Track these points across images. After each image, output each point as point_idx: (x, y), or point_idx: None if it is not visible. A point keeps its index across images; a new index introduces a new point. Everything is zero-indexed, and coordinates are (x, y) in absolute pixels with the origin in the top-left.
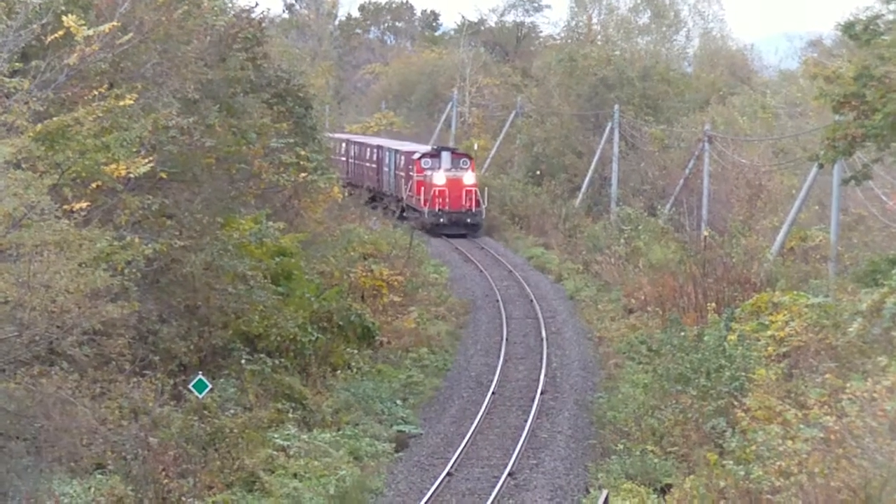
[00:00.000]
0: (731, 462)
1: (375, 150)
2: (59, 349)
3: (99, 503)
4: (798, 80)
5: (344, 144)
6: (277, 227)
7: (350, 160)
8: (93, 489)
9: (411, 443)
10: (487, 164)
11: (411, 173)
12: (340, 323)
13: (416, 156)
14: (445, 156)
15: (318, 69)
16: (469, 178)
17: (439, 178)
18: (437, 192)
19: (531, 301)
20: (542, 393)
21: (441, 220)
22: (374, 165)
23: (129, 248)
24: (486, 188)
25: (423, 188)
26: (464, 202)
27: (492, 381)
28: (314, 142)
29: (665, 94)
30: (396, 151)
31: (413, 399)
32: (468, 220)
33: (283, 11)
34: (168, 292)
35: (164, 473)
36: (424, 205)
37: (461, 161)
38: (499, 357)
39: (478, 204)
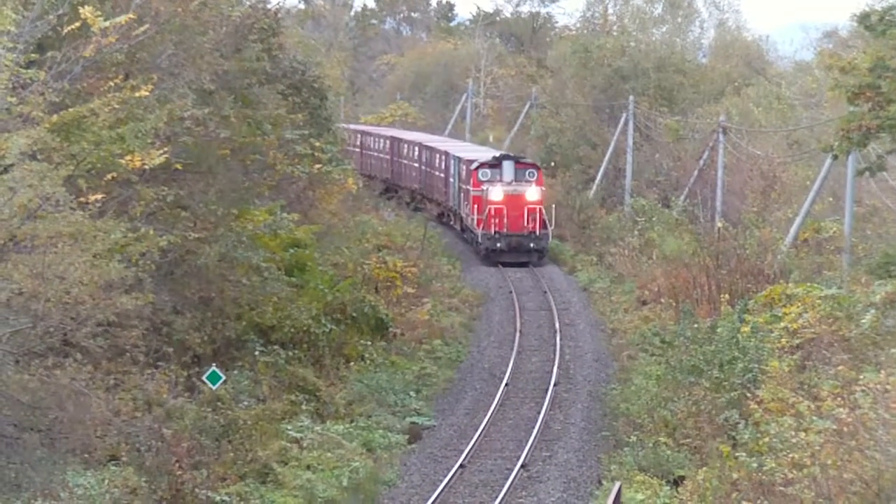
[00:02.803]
0: (743, 454)
1: (443, 157)
2: (73, 340)
3: (112, 495)
4: (813, 70)
5: (417, 149)
6: (291, 219)
7: (422, 167)
8: (106, 480)
9: (424, 434)
10: None
11: (468, 186)
12: (354, 314)
13: (474, 166)
14: (507, 166)
15: (333, 60)
16: (533, 193)
17: (496, 193)
18: (492, 211)
19: (545, 293)
20: (555, 385)
21: (497, 244)
22: (442, 175)
23: (143, 240)
24: (553, 206)
25: (477, 205)
26: (525, 223)
27: (505, 372)
28: (329, 133)
29: (680, 85)
30: (459, 159)
31: (426, 391)
32: (530, 246)
33: (299, 2)
34: (182, 284)
35: (177, 465)
36: (479, 226)
37: (526, 172)
38: (512, 349)
39: (543, 225)
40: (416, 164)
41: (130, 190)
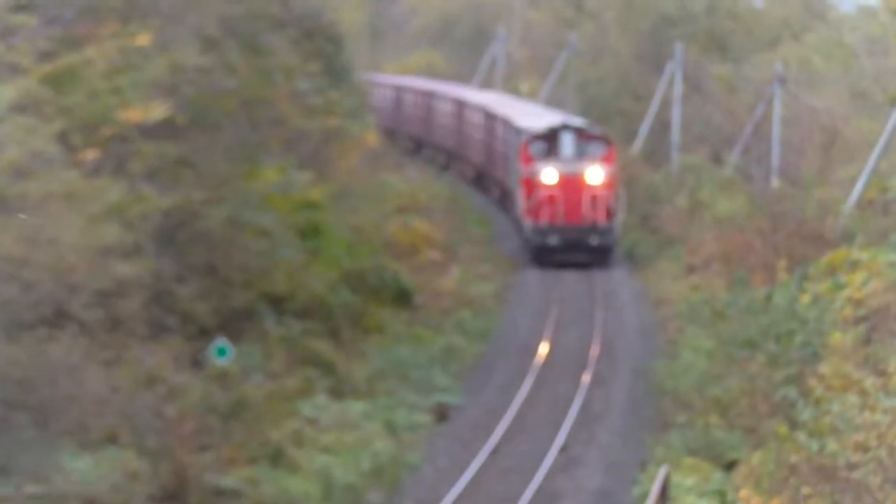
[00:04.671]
0: (803, 435)
1: (502, 125)
2: (67, 311)
3: (111, 479)
4: (878, 14)
5: (480, 115)
6: (305, 178)
7: (485, 137)
8: (104, 464)
9: (452, 414)
10: None
11: (518, 164)
12: (374, 283)
13: (524, 138)
14: (566, 138)
15: (350, 3)
16: (597, 173)
17: (549, 174)
18: (543, 197)
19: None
20: (595, 360)
21: (548, 240)
22: (502, 148)
23: (143, 201)
24: (624, 189)
25: (527, 189)
26: (585, 213)
27: (540, 346)
28: (346, 84)
29: (732, 32)
30: (517, 129)
31: (454, 366)
32: (591, 242)
33: None
34: (186, 249)
35: (181, 447)
36: (528, 215)
37: (590, 146)
38: (548, 320)
39: (609, 215)
40: (479, 135)
41: (129, 146)
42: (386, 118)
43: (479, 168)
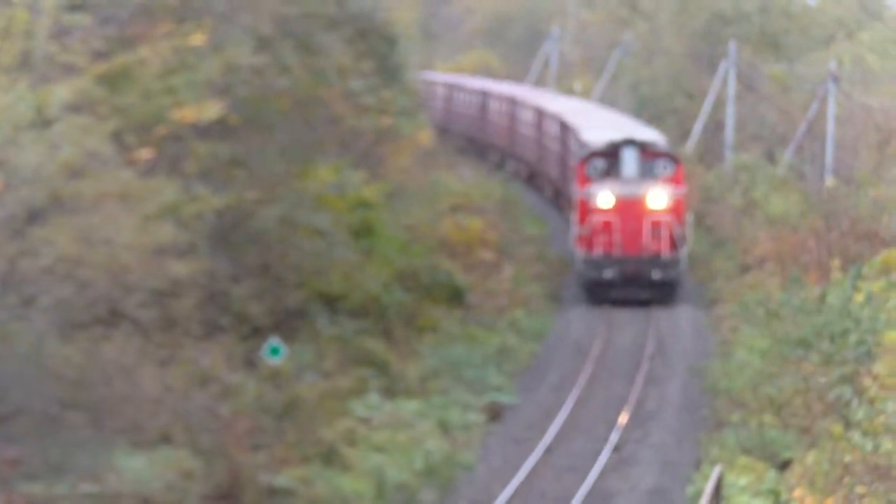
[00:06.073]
0: (857, 434)
1: (572, 137)
2: (121, 310)
3: (165, 478)
4: None
5: (557, 125)
6: (359, 177)
7: (561, 150)
8: (158, 463)
9: (506, 413)
10: None
11: (573, 184)
12: (428, 282)
13: (582, 154)
14: (628, 155)
15: (403, 3)
16: (660, 196)
17: (605, 197)
18: (598, 224)
19: None
20: (649, 359)
21: (603, 273)
22: (573, 163)
23: (197, 201)
24: (692, 213)
25: (581, 213)
26: (645, 243)
27: (594, 345)
28: (400, 83)
29: (786, 30)
30: (580, 144)
31: (508, 365)
32: (653, 277)
33: None
34: (239, 249)
35: (235, 446)
36: (580, 245)
37: (656, 165)
38: (602, 319)
39: (673, 245)
40: (555, 147)
41: (183, 146)
42: (469, 126)
43: (555, 184)
